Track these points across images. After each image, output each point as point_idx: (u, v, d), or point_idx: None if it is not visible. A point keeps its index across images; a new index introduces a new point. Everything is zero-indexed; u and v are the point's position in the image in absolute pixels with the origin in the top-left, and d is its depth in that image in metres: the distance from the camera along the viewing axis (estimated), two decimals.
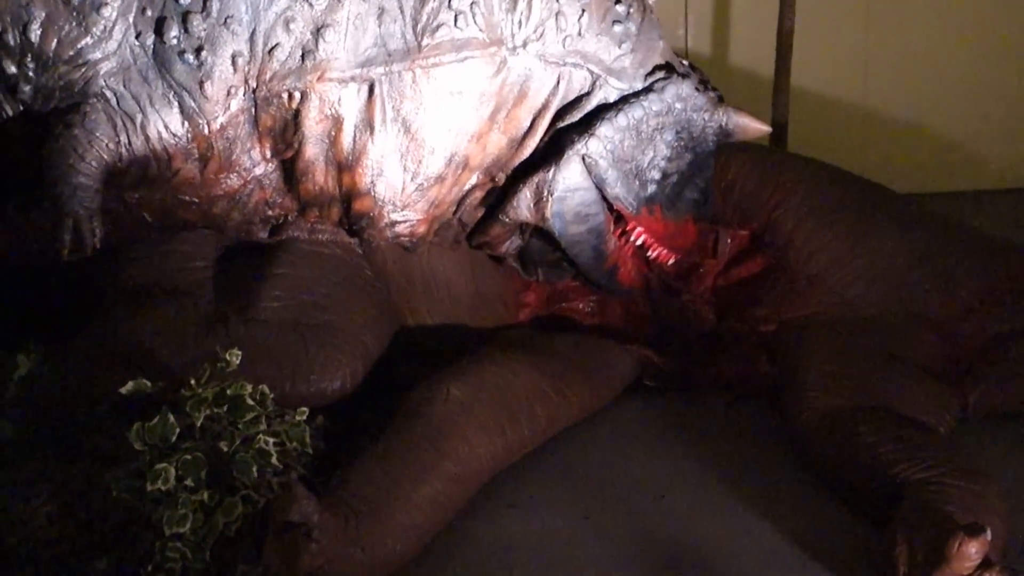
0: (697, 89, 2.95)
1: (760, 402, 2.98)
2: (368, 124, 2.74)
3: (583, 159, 2.88)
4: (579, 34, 2.81)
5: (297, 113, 2.71)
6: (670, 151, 2.94)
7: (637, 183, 2.94)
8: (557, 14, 2.77)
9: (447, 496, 2.53)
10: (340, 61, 2.67)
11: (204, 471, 2.34)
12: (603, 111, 2.89)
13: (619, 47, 2.86)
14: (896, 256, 3.06)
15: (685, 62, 3.05)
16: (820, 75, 4.21)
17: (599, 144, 2.87)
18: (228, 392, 2.45)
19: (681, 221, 3.04)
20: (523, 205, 2.91)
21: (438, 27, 2.69)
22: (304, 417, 2.56)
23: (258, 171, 2.78)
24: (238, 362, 2.52)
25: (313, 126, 2.72)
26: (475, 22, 2.70)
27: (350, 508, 2.37)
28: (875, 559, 2.32)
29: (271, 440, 2.43)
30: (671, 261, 3.08)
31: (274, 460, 2.42)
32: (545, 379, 2.81)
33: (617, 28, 2.85)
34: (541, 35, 2.78)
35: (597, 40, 2.84)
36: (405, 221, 2.87)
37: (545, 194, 2.88)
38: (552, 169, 2.87)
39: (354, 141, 2.75)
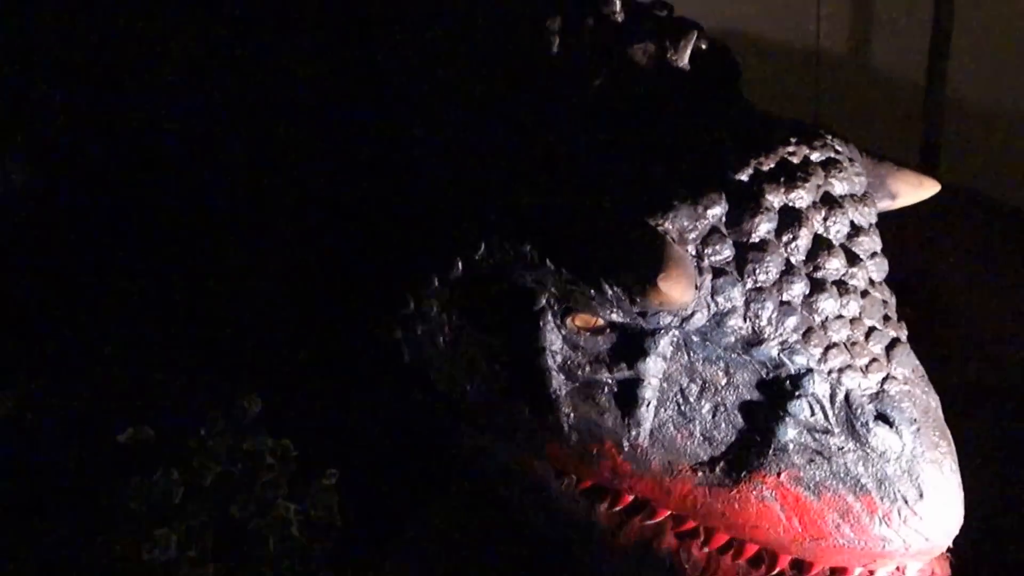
0: None
1: None
2: None
3: None
4: None
5: None
6: None
7: None
8: None
9: None
10: None
11: (211, 540, 2.27)
12: None
13: None
14: None
15: None
16: (981, 84, 4.01)
17: None
18: (244, 446, 2.36)
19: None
20: None
21: None
22: (333, 481, 2.45)
23: None
24: (258, 410, 2.42)
25: None
26: None
27: None
28: None
29: (292, 507, 2.33)
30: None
31: (295, 531, 2.32)
32: None
33: None
34: None
35: None
36: None
37: None
38: None
39: None
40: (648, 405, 1.83)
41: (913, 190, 2.13)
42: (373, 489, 2.59)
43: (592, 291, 1.77)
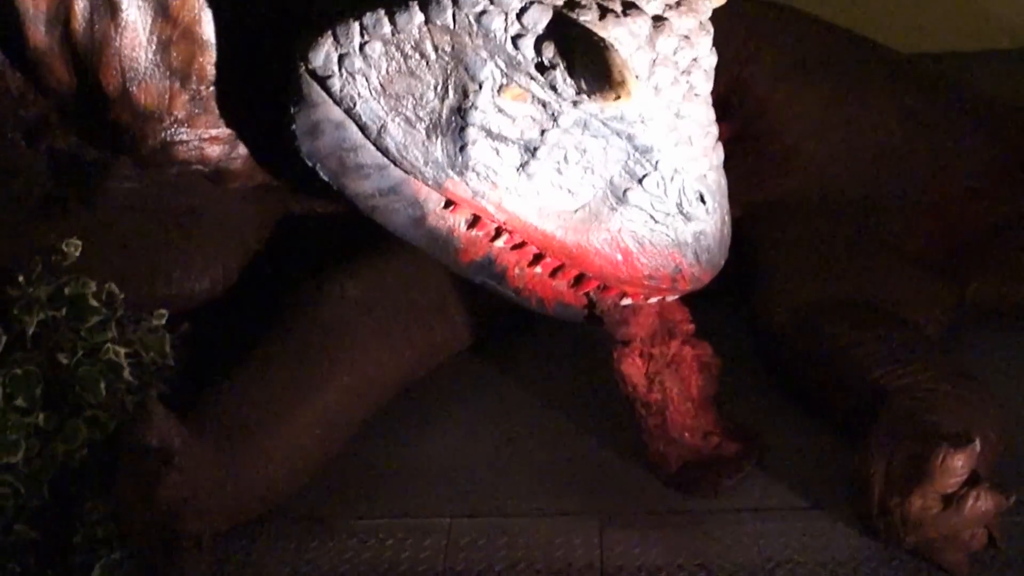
0: None
1: (721, 301, 2.94)
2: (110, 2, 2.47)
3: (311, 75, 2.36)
4: None
5: None
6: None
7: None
8: None
9: (341, 414, 2.51)
10: None
11: (39, 388, 2.30)
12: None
13: None
14: (888, 125, 3.02)
15: None
16: None
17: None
18: (66, 291, 2.38)
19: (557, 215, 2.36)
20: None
21: None
22: (163, 322, 2.50)
23: None
24: (78, 254, 2.44)
25: None
26: None
27: (220, 430, 2.34)
28: (848, 479, 2.31)
29: (122, 351, 2.39)
30: (590, 291, 2.45)
31: (126, 375, 2.38)
32: None
33: None
34: None
35: None
36: (184, 141, 2.62)
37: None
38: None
39: (91, 25, 2.48)
40: (540, 163, 2.29)
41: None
42: (205, 332, 2.65)
43: (540, 77, 2.17)
